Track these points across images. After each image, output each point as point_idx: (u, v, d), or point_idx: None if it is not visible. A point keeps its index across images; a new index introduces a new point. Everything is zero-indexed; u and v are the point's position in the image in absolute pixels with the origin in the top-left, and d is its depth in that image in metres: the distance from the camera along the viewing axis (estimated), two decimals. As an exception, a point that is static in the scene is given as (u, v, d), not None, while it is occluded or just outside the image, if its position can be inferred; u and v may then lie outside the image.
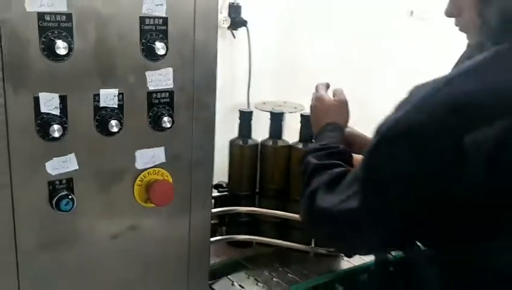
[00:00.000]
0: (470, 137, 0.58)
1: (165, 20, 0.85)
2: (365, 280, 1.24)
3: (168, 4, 0.85)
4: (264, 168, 1.27)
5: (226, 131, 1.27)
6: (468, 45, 0.88)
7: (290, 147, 1.25)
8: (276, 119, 1.25)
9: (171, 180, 0.92)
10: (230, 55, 1.70)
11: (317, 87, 1.07)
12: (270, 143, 1.26)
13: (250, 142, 1.26)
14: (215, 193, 1.29)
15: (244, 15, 1.66)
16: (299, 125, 1.28)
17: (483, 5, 0.71)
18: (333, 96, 1.04)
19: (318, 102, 1.03)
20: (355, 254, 1.23)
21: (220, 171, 1.27)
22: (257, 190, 1.30)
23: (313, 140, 1.03)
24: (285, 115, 1.29)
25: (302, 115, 1.26)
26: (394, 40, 2.66)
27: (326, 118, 1.00)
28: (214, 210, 1.18)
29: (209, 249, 1.03)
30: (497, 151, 0.57)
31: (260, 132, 1.32)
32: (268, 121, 1.27)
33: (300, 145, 1.24)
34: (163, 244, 0.96)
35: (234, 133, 1.30)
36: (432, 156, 0.63)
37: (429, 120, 0.63)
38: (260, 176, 1.28)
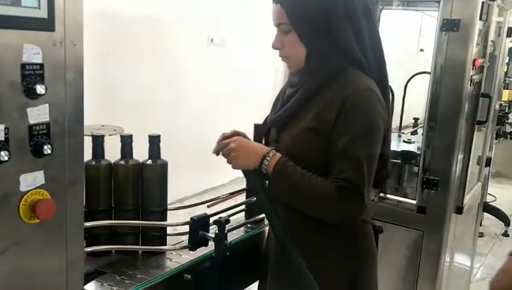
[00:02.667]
0: None
1: (41, 66, 1.03)
2: (208, 266, 1.52)
3: (44, 53, 1.03)
4: (118, 185, 1.49)
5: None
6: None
7: (141, 165, 1.48)
8: (126, 140, 1.49)
9: (50, 197, 1.09)
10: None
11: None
12: (123, 162, 1.48)
13: (103, 162, 1.47)
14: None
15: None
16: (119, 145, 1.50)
17: None
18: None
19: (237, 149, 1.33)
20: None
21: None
22: (113, 205, 1.50)
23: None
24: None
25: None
26: (197, 63, 3.04)
27: (257, 152, 1.33)
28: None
29: (83, 257, 1.21)
30: None
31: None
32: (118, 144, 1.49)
33: (149, 162, 1.49)
34: (45, 254, 1.11)
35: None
36: None
37: None
38: (115, 192, 1.49)
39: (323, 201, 1.27)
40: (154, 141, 1.48)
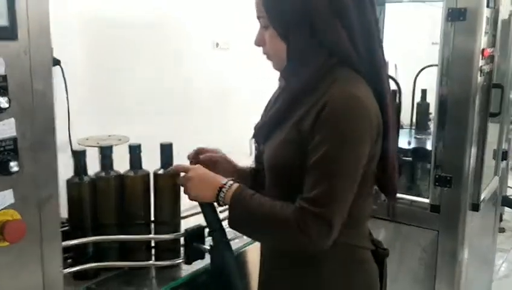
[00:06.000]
0: None
1: (4, 78, 0.96)
2: (204, 280, 1.44)
3: (7, 63, 0.96)
4: (127, 197, 1.43)
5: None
6: None
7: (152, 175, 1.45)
8: (134, 151, 1.43)
9: (20, 218, 1.02)
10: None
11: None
12: (132, 173, 1.43)
13: (112, 173, 1.42)
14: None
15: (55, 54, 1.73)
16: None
17: None
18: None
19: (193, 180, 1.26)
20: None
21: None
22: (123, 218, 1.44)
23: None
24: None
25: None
26: (203, 68, 2.98)
27: (213, 184, 1.23)
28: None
29: (62, 278, 1.13)
30: None
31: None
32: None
33: (161, 171, 1.44)
34: (20, 277, 1.04)
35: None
36: None
37: None
38: (125, 204, 1.43)
39: (282, 227, 1.13)
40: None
